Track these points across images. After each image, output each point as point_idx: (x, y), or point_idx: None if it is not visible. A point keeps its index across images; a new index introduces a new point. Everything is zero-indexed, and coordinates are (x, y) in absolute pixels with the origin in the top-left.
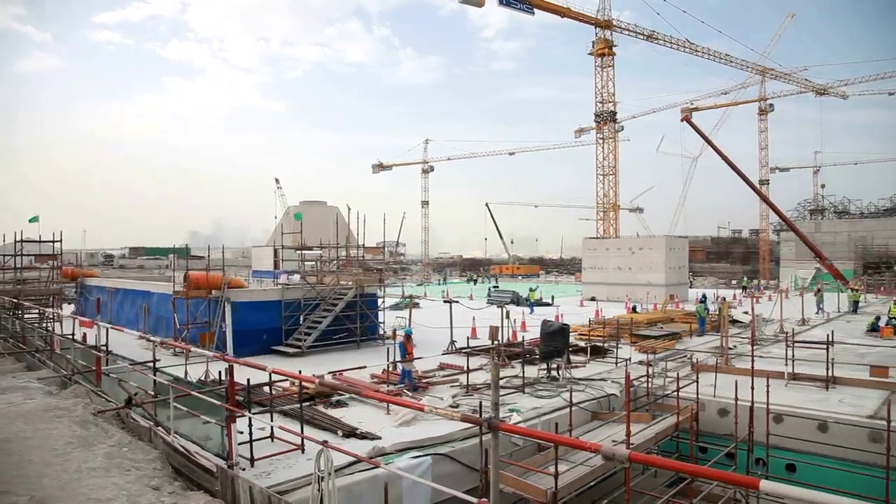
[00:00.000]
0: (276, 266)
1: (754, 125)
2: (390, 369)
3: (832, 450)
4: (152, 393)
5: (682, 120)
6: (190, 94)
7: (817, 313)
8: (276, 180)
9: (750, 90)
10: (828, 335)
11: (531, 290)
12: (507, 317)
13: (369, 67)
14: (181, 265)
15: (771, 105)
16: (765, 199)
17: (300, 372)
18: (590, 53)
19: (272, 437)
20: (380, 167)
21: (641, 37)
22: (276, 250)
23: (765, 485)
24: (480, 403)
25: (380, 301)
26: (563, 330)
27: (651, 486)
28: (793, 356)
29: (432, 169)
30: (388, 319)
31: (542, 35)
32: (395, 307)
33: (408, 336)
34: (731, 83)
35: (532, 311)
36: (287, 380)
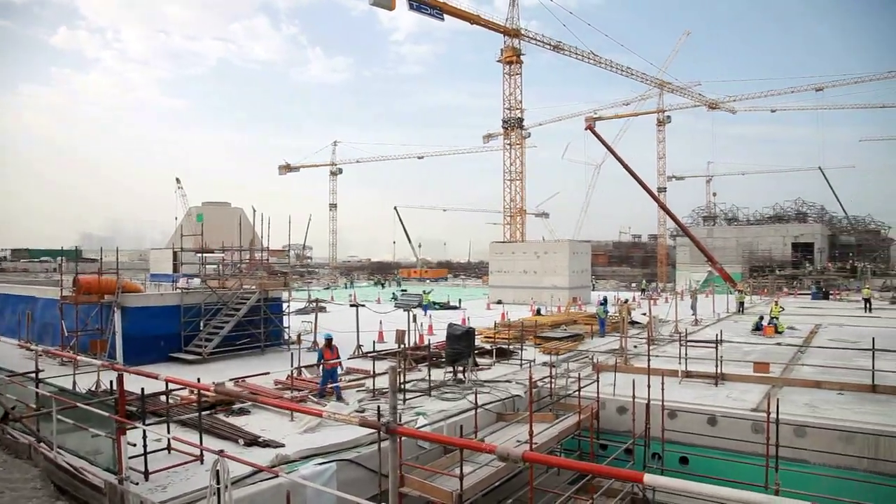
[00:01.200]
0: (175, 269)
1: (653, 135)
2: (297, 375)
3: (721, 442)
4: (34, 406)
5: (586, 129)
6: (81, 87)
7: (692, 315)
8: (177, 180)
9: (649, 102)
10: (717, 335)
11: (425, 292)
12: (414, 320)
13: (277, 66)
14: (71, 268)
15: (668, 117)
16: (662, 206)
17: (199, 380)
18: (498, 61)
19: (169, 448)
20: (287, 168)
21: (548, 47)
22: (175, 253)
23: (648, 478)
24: (378, 408)
25: (285, 305)
26: (469, 333)
27: (554, 484)
28: (686, 355)
29: (341, 171)
30: (294, 324)
31: (451, 40)
32: (301, 311)
33: (328, 341)
34: (632, 95)
35: (426, 312)
36: (185, 388)
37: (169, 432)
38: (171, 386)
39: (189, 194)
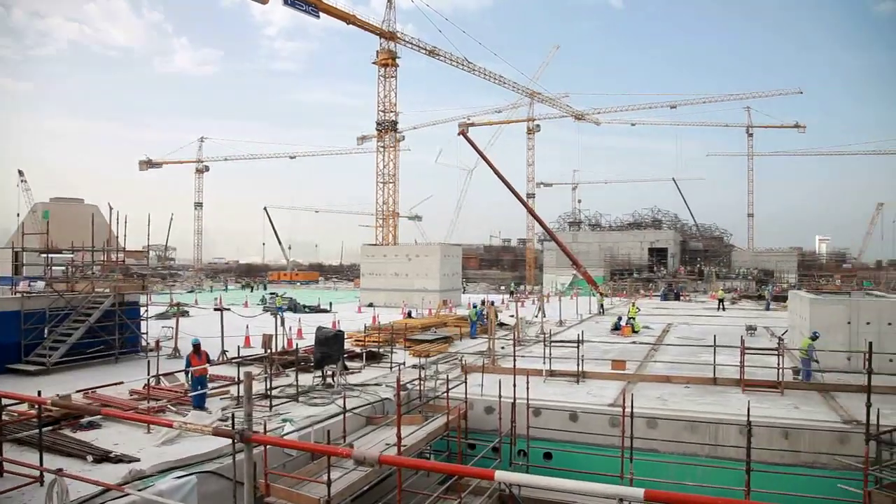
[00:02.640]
0: (16, 271)
1: (524, 143)
2: (155, 384)
3: (582, 436)
4: None
5: (459, 134)
6: None
7: (535, 316)
8: (20, 172)
9: (520, 110)
10: (578, 335)
11: (278, 295)
12: (283, 324)
13: (138, 54)
14: None
15: (538, 125)
16: (531, 212)
17: (39, 393)
18: (374, 63)
19: (2, 471)
20: (148, 164)
21: (424, 51)
22: (16, 253)
23: (499, 475)
24: (233, 415)
25: (143, 310)
26: (338, 336)
27: (424, 486)
28: (550, 355)
29: (208, 169)
30: (153, 330)
31: (326, 39)
32: (162, 316)
33: (196, 347)
34: (504, 103)
35: (280, 313)
36: (23, 402)
37: (2, 453)
38: (5, 401)
39: (34, 189)
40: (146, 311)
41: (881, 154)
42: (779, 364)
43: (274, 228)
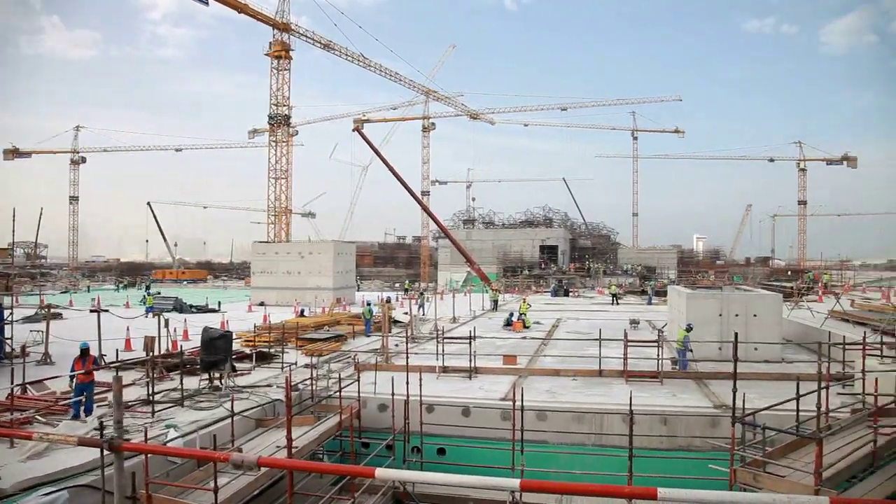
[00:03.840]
0: None
1: (419, 140)
2: (21, 393)
3: (474, 431)
4: None
5: (353, 130)
6: None
7: (416, 313)
8: None
9: (416, 108)
10: (470, 331)
11: (149, 294)
12: (167, 325)
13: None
14: None
15: (433, 123)
16: (425, 209)
17: None
18: (266, 54)
19: None
20: (14, 153)
21: (319, 45)
22: None
23: (379, 472)
24: (101, 423)
25: (7, 312)
26: (226, 337)
27: (317, 487)
28: (443, 351)
29: (84, 160)
30: (20, 334)
31: (216, 27)
32: (30, 319)
33: (83, 351)
34: (400, 100)
35: (148, 315)
36: None
37: None
38: None
39: None
40: (10, 313)
41: (750, 160)
42: (658, 355)
43: (158, 225)
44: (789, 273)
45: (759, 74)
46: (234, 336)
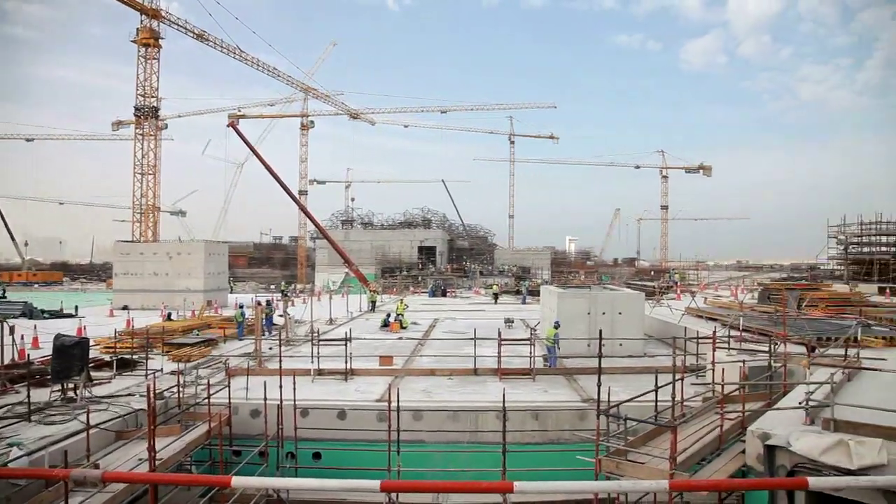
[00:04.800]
0: None
1: (297, 138)
2: None
3: (350, 433)
4: None
5: (228, 125)
6: None
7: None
8: None
9: (295, 105)
10: (346, 333)
11: None
12: (12, 333)
13: None
14: None
15: (312, 122)
16: (302, 209)
17: None
18: (133, 41)
19: None
20: None
21: (191, 34)
22: None
23: (236, 481)
24: None
25: None
26: (82, 344)
27: (186, 499)
28: (319, 354)
29: None
30: None
31: (76, 7)
32: None
33: None
34: (278, 96)
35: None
36: None
37: None
38: None
39: None
40: None
41: (618, 166)
42: (531, 353)
43: (5, 222)
44: (652, 273)
45: (627, 86)
46: (91, 343)
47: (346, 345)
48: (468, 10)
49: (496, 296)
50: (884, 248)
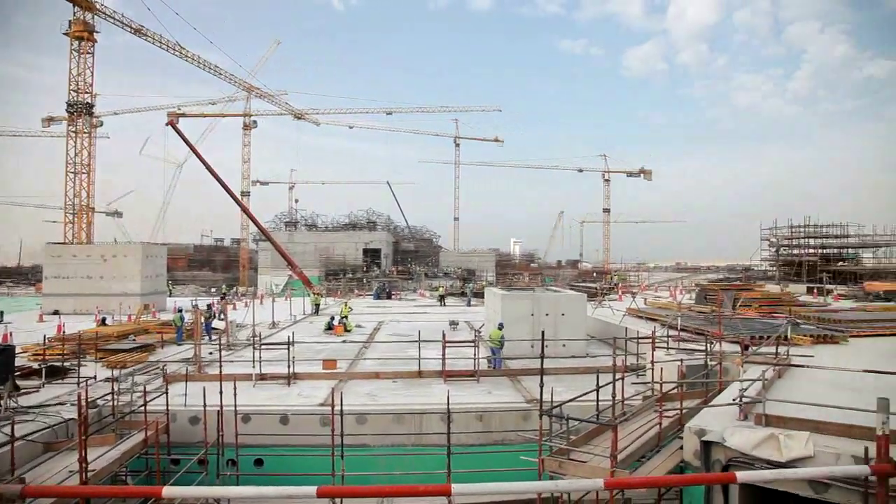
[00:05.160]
0: None
1: (240, 138)
2: None
3: (293, 438)
4: None
5: (167, 124)
6: None
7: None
8: None
9: (237, 104)
10: (289, 336)
11: None
12: None
13: None
14: None
15: (255, 121)
16: (244, 210)
17: None
18: (66, 33)
19: None
20: None
21: (128, 28)
22: None
23: (167, 491)
24: None
25: None
26: (6, 351)
27: None
28: (261, 358)
29: None
30: None
31: None
32: None
33: None
34: (219, 95)
35: None
36: None
37: None
38: None
39: None
40: None
41: (562, 169)
42: (475, 355)
43: None
44: (595, 274)
45: (571, 91)
46: (18, 350)
47: (288, 348)
48: (414, 12)
49: (443, 297)
50: (812, 251)
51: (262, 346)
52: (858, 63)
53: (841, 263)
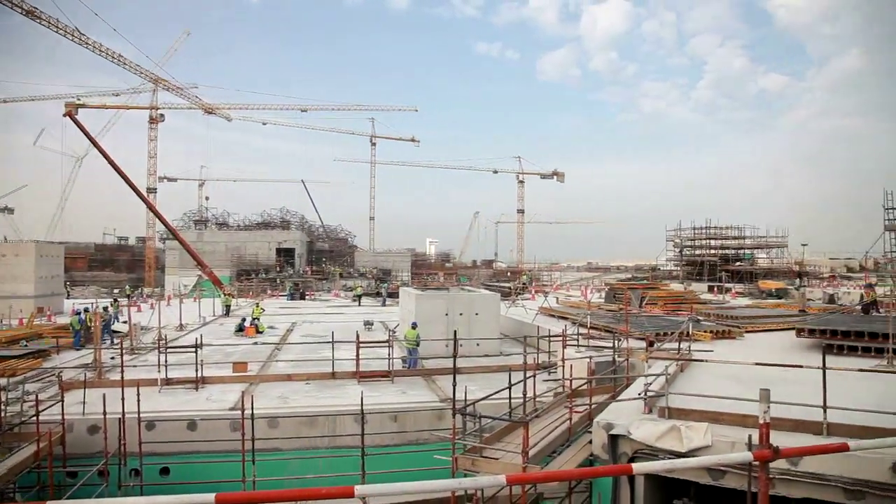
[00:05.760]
0: None
1: (146, 132)
2: None
3: (202, 445)
4: None
5: (65, 115)
6: None
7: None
8: None
9: (143, 96)
10: (196, 339)
11: None
12: None
13: None
14: None
15: (162, 115)
16: (150, 207)
17: None
18: None
19: None
20: None
21: (19, 10)
22: None
23: None
24: None
25: None
26: None
27: None
28: (167, 362)
29: None
30: None
31: None
32: None
33: None
34: (124, 86)
35: None
36: None
37: None
38: None
39: None
40: None
41: (477, 170)
42: (389, 355)
43: None
44: (509, 274)
45: (487, 93)
46: None
47: (196, 351)
48: (331, 10)
49: (359, 297)
50: (713, 251)
51: (169, 350)
52: (754, 76)
53: (738, 263)
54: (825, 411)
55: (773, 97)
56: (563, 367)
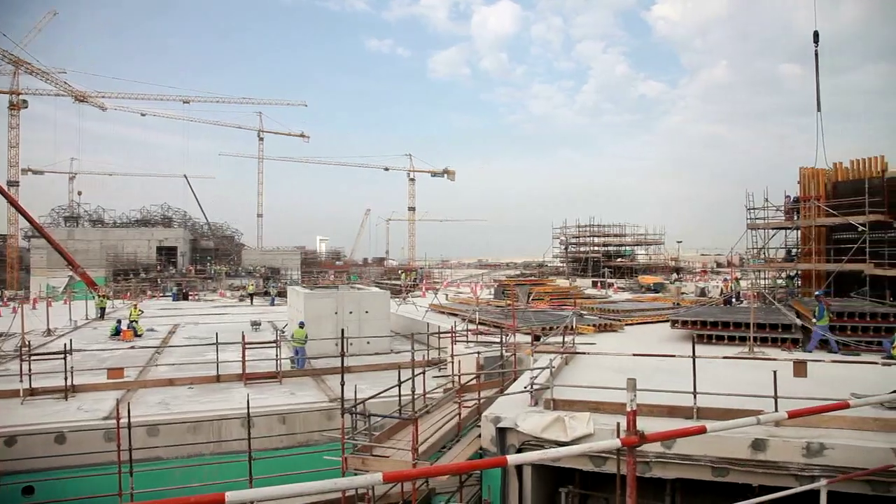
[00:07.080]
0: None
1: (5, 120)
2: None
3: (73, 459)
4: None
5: None
6: None
7: None
8: None
9: (2, 80)
10: (66, 344)
11: None
12: None
13: None
14: None
15: (25, 101)
16: (12, 202)
17: None
18: None
19: None
20: None
21: None
22: None
23: None
24: None
25: None
26: None
27: None
28: (31, 370)
29: None
30: None
31: None
32: None
33: None
34: None
35: None
36: None
37: None
38: None
39: None
40: None
41: (368, 167)
42: (277, 355)
43: None
44: (400, 272)
45: (378, 90)
46: None
47: (65, 358)
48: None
49: (251, 296)
50: (596, 248)
51: (33, 357)
52: (634, 82)
53: (620, 259)
54: (695, 397)
55: (652, 103)
56: (453, 363)
